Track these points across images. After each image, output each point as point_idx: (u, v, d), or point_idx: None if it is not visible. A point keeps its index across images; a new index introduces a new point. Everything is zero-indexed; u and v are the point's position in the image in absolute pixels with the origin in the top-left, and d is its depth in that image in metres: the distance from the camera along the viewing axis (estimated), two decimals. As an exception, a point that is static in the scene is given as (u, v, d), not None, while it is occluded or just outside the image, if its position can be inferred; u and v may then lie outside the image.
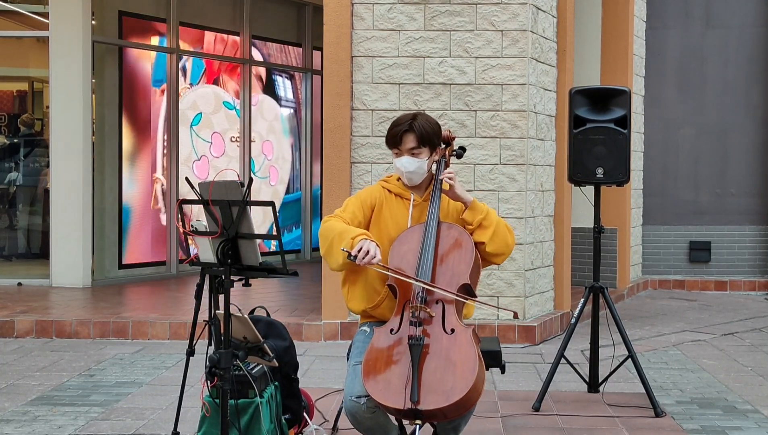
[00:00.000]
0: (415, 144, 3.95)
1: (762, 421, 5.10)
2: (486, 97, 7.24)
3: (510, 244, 3.97)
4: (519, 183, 7.26)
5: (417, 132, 3.94)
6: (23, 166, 10.73)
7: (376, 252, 3.67)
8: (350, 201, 4.04)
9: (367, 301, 4.00)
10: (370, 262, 3.65)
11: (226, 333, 3.61)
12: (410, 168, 3.98)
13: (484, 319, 7.27)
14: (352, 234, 3.73)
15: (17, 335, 7.36)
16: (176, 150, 10.19)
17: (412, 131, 3.95)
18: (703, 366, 6.57)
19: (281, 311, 7.72)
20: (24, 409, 5.24)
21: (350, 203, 4.03)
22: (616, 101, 5.60)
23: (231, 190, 3.58)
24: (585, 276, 9.32)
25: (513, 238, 3.99)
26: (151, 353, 6.81)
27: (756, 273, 10.63)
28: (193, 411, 4.88)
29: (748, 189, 10.66)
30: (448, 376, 3.53)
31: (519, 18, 7.23)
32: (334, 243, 3.77)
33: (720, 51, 10.69)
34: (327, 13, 7.28)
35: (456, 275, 3.80)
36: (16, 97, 11.82)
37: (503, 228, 3.95)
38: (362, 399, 3.64)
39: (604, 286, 5.59)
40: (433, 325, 3.68)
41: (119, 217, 9.74)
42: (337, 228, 3.81)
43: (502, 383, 5.97)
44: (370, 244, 3.68)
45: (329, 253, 3.81)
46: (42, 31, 9.63)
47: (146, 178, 10.01)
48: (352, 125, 7.28)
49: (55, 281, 9.31)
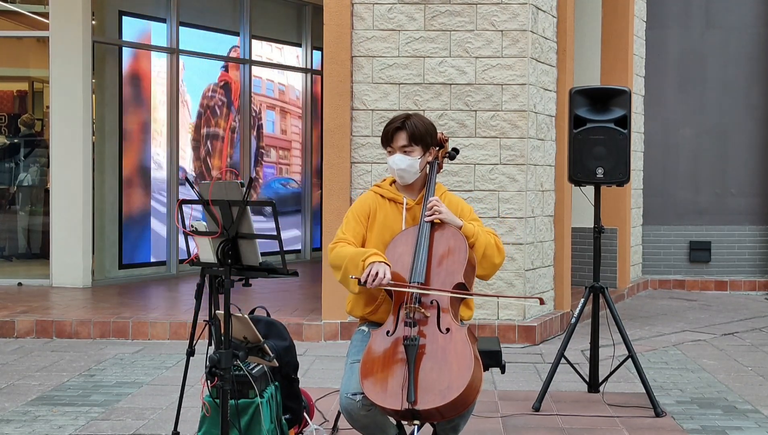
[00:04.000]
0: (407, 142, 4.01)
1: (762, 421, 5.10)
2: (486, 97, 7.24)
3: (497, 265, 4.03)
4: (519, 183, 7.25)
5: (408, 129, 4.01)
6: (23, 166, 10.73)
7: (385, 272, 3.72)
8: (348, 218, 4.09)
9: (364, 307, 4.06)
10: (380, 283, 3.71)
11: (226, 333, 3.61)
12: (401, 165, 4.01)
13: (484, 319, 7.27)
14: (362, 257, 3.79)
15: (17, 335, 7.36)
16: (176, 150, 10.19)
17: (404, 129, 4.02)
18: (703, 366, 6.57)
19: (281, 311, 7.72)
20: (24, 409, 5.25)
21: (349, 220, 4.07)
22: (616, 101, 5.60)
23: (231, 190, 3.58)
24: (585, 276, 9.32)
25: (501, 257, 4.03)
26: (151, 353, 6.81)
27: (756, 273, 10.63)
28: (194, 411, 4.88)
29: (748, 189, 10.66)
30: (444, 376, 3.54)
31: (519, 18, 7.23)
32: (348, 269, 3.83)
33: (720, 51, 10.69)
34: (327, 13, 7.28)
35: (450, 275, 3.83)
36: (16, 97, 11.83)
37: (492, 249, 3.98)
38: (357, 396, 3.66)
39: (604, 286, 5.59)
40: (429, 325, 3.70)
41: (119, 217, 9.74)
42: (347, 254, 3.86)
43: (502, 383, 5.97)
44: (379, 266, 3.73)
45: (345, 282, 3.88)
46: (42, 31, 9.63)
47: (146, 178, 10.01)
48: (352, 125, 7.28)
49: (55, 281, 9.31)
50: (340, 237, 4.00)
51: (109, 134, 9.67)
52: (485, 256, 3.96)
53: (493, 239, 4.00)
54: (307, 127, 11.90)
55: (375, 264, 3.74)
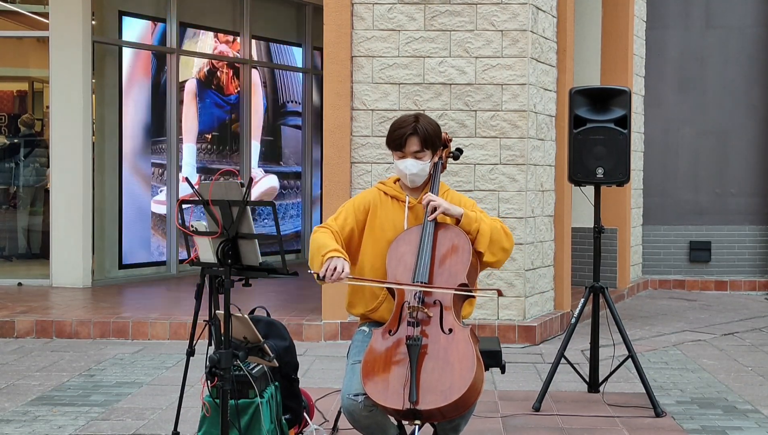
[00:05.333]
0: (419, 147, 3.96)
1: (762, 421, 5.10)
2: (486, 97, 7.24)
3: (507, 249, 3.94)
4: (519, 183, 7.25)
5: (421, 134, 3.95)
6: (23, 166, 10.73)
7: (343, 267, 3.70)
8: (344, 207, 4.08)
9: (366, 306, 4.05)
10: (339, 277, 3.69)
11: (226, 333, 3.61)
12: (414, 170, 3.99)
13: (485, 319, 7.27)
14: (322, 252, 3.78)
15: (17, 335, 7.36)
16: (176, 150, 10.19)
17: (416, 134, 3.95)
18: (703, 366, 6.57)
19: (281, 311, 7.72)
20: (24, 409, 5.25)
21: (344, 209, 4.07)
22: (616, 101, 5.60)
23: (231, 190, 3.58)
24: (585, 276, 9.32)
25: (510, 241, 3.95)
26: (151, 353, 6.81)
27: (756, 273, 10.63)
28: (193, 411, 4.88)
29: (748, 189, 10.66)
30: (446, 376, 3.54)
31: (519, 18, 7.23)
32: (313, 260, 3.82)
33: (720, 51, 10.68)
34: (327, 13, 7.28)
35: (453, 275, 3.82)
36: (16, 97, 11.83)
37: (499, 233, 3.91)
38: (360, 397, 3.65)
39: (605, 286, 5.59)
40: (431, 325, 3.69)
41: (119, 217, 9.74)
42: (318, 242, 3.85)
43: (502, 383, 5.97)
44: (337, 260, 3.72)
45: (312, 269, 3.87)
46: (42, 31, 9.63)
47: (146, 178, 10.01)
48: (352, 125, 7.28)
49: (55, 281, 9.31)
50: (328, 223, 4.00)
51: (109, 134, 9.67)
52: (493, 240, 3.88)
53: (499, 224, 3.94)
54: (307, 127, 11.89)
55: (333, 259, 3.72)
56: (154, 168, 10.08)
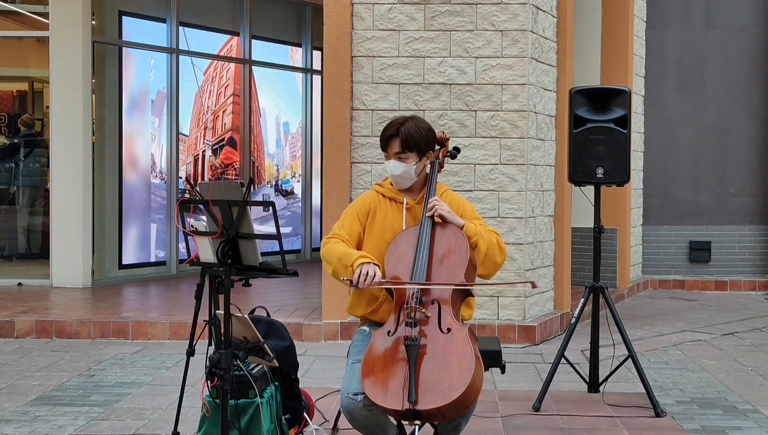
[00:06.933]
0: (400, 149, 4.00)
1: (762, 421, 5.10)
2: (486, 97, 7.24)
3: (499, 263, 4.04)
4: (519, 183, 7.26)
5: (402, 137, 3.99)
6: (23, 166, 10.74)
7: (375, 271, 3.76)
8: (346, 214, 4.11)
9: (365, 307, 4.07)
10: (372, 283, 3.74)
11: (226, 333, 3.61)
12: (396, 172, 4.02)
13: (484, 319, 7.27)
14: (350, 260, 3.82)
15: (17, 335, 7.36)
16: (176, 150, 10.19)
17: (398, 136, 4.00)
18: (703, 366, 6.57)
19: (281, 311, 7.72)
20: (24, 409, 5.25)
21: (347, 216, 4.09)
22: (616, 101, 5.60)
23: (231, 190, 3.58)
24: (585, 276, 9.32)
25: (503, 256, 4.04)
26: (151, 353, 6.81)
27: (756, 273, 10.63)
28: (193, 411, 4.88)
29: (748, 189, 10.66)
30: (445, 376, 3.54)
31: (519, 18, 7.23)
32: (338, 270, 3.88)
33: (720, 51, 10.68)
34: (327, 13, 7.28)
35: (451, 275, 3.83)
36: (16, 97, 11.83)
37: (494, 249, 3.98)
38: (359, 396, 3.66)
39: (605, 286, 5.59)
40: (429, 325, 3.70)
41: (119, 217, 9.74)
42: (337, 252, 3.90)
43: (502, 383, 5.97)
44: (369, 266, 3.76)
45: (336, 277, 3.94)
46: (42, 31, 9.63)
47: (146, 178, 10.01)
48: (352, 125, 7.28)
49: (55, 281, 9.31)
50: (336, 232, 4.02)
51: (109, 134, 9.67)
52: (487, 255, 3.96)
53: (495, 238, 4.00)
54: (307, 127, 11.89)
55: (364, 265, 3.76)
56: (155, 168, 10.07)
